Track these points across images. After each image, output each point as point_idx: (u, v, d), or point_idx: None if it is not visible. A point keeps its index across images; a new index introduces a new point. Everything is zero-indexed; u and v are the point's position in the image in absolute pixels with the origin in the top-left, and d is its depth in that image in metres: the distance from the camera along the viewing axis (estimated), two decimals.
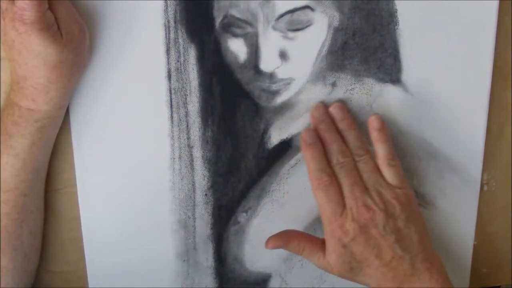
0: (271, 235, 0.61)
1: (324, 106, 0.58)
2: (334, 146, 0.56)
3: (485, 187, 0.62)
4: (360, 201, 0.54)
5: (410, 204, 0.56)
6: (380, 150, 0.57)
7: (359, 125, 0.58)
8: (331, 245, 0.55)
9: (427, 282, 0.54)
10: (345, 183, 0.55)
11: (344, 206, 0.55)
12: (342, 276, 0.56)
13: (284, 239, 0.57)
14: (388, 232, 0.54)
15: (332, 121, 0.58)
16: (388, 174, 0.56)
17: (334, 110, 0.58)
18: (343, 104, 0.58)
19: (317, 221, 0.62)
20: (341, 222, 0.54)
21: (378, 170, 0.56)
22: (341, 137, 0.57)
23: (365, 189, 0.55)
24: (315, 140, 0.57)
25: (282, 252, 0.62)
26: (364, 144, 0.57)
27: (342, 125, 0.58)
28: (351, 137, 0.57)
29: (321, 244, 0.57)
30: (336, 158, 0.56)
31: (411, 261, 0.54)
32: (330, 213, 0.55)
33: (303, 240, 0.57)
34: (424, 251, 0.55)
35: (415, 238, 0.55)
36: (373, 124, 0.57)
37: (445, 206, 0.63)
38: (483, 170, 0.62)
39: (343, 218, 0.54)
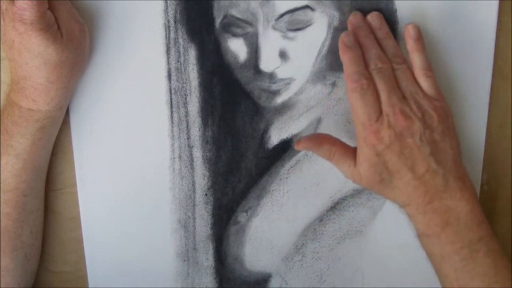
0: (271, 234, 0.61)
1: (362, 13, 0.56)
2: (372, 52, 0.54)
3: (485, 187, 0.62)
4: (398, 108, 0.52)
5: (447, 118, 0.54)
6: (417, 60, 0.54)
7: None
8: (363, 152, 0.53)
9: (458, 201, 0.52)
10: (383, 89, 0.52)
11: (380, 112, 0.52)
12: (371, 187, 0.54)
13: (317, 141, 0.56)
14: (424, 143, 0.52)
15: (369, 28, 0.55)
16: (425, 84, 0.54)
17: (371, 18, 0.55)
18: (381, 14, 0.56)
19: (317, 221, 0.62)
20: (376, 128, 0.52)
21: (415, 80, 0.54)
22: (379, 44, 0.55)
23: (403, 97, 0.53)
24: (354, 43, 0.54)
25: (282, 252, 0.62)
26: (401, 53, 0.55)
27: (380, 34, 0.55)
28: (389, 45, 0.55)
29: (353, 152, 0.55)
30: (375, 63, 0.53)
31: (444, 177, 0.52)
32: (365, 118, 0.52)
33: (335, 145, 0.55)
34: (458, 169, 0.53)
35: (450, 154, 0.53)
36: (410, 33, 0.54)
37: None
38: (483, 170, 0.62)
39: (378, 124, 0.52)
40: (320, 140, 0.55)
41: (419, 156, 0.52)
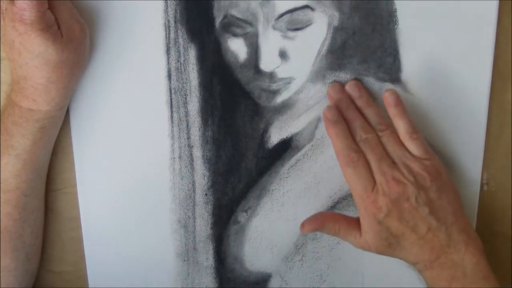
0: (271, 234, 0.61)
1: (340, 84, 0.57)
2: (355, 123, 0.56)
3: (485, 187, 0.62)
4: (389, 176, 0.53)
5: (440, 175, 0.55)
6: (400, 124, 0.56)
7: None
8: (366, 223, 0.54)
9: (463, 254, 0.53)
10: (372, 158, 0.54)
11: (374, 181, 0.54)
12: (381, 253, 0.55)
13: (319, 221, 0.57)
14: (421, 204, 0.53)
15: (349, 99, 0.57)
16: (413, 147, 0.55)
17: (350, 88, 0.57)
18: (359, 82, 0.58)
19: None
20: (373, 198, 0.53)
21: (402, 143, 0.55)
22: (361, 114, 0.57)
23: (393, 163, 0.54)
24: (338, 118, 0.56)
25: (282, 252, 0.62)
26: (384, 119, 0.56)
27: (360, 103, 0.57)
28: (370, 113, 0.57)
29: (356, 223, 0.56)
30: (359, 134, 0.55)
31: (446, 232, 0.53)
32: (361, 190, 0.54)
33: (338, 220, 0.56)
34: (459, 221, 0.54)
35: (449, 208, 0.54)
36: (388, 100, 0.56)
37: None
38: (483, 170, 0.62)
39: (374, 194, 0.53)
40: (322, 220, 0.57)
41: (418, 217, 0.53)
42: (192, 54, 0.56)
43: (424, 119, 0.60)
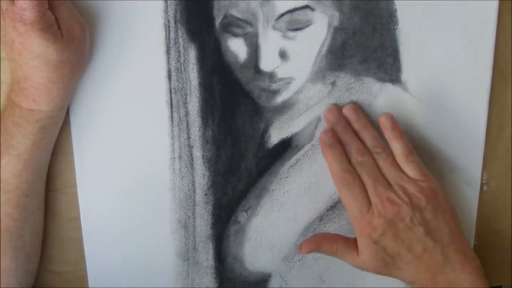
0: (271, 234, 0.61)
1: (337, 107, 0.58)
2: (352, 146, 0.57)
3: (485, 187, 0.63)
4: (384, 197, 0.54)
5: (436, 196, 0.55)
6: (397, 147, 0.56)
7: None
8: (362, 242, 0.55)
9: (459, 273, 0.53)
10: (367, 181, 0.55)
11: (369, 203, 0.55)
12: (378, 273, 0.56)
13: (316, 242, 0.58)
14: (416, 224, 0.54)
15: (346, 122, 0.58)
16: (409, 169, 0.56)
17: (347, 112, 0.58)
18: (356, 105, 0.58)
19: (317, 221, 0.62)
20: (368, 219, 0.54)
21: (398, 165, 0.56)
22: (357, 137, 0.58)
23: (388, 185, 0.55)
24: (333, 141, 0.57)
25: (282, 252, 0.62)
26: (380, 142, 0.57)
27: (357, 126, 0.58)
28: (367, 136, 0.57)
29: (353, 243, 0.57)
30: (355, 157, 0.56)
31: (442, 252, 0.54)
32: (357, 211, 0.55)
33: (335, 241, 0.57)
34: (456, 242, 0.54)
35: (445, 229, 0.54)
36: (384, 124, 0.57)
37: None
38: (483, 170, 0.62)
39: (370, 215, 0.54)
40: (320, 241, 0.58)
41: (414, 237, 0.54)
42: (192, 54, 0.56)
43: (424, 119, 0.60)
